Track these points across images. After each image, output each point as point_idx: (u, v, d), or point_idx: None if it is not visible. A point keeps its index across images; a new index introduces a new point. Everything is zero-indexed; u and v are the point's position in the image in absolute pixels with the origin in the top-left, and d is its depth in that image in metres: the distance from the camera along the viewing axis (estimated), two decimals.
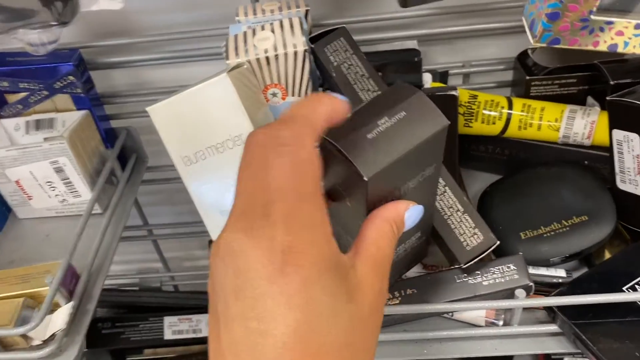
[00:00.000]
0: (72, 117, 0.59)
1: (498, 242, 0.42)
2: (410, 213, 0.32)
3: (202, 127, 0.41)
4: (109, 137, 0.64)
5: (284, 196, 0.25)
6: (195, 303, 0.83)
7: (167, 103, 0.42)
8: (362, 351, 0.25)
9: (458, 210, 0.43)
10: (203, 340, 0.78)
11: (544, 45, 0.38)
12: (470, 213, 0.43)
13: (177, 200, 0.83)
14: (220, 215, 0.44)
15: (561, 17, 0.38)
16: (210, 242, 0.75)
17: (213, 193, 0.43)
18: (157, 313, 0.78)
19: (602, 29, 0.38)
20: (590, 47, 0.36)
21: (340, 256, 0.26)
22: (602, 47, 0.35)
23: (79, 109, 0.60)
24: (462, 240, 0.43)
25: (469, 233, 0.43)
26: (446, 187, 0.44)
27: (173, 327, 0.78)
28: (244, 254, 0.24)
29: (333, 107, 0.28)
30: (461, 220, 0.43)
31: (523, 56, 0.58)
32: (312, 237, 0.24)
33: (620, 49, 0.36)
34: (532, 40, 0.39)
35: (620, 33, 0.38)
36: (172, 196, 0.82)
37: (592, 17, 0.37)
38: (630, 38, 0.35)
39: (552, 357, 0.76)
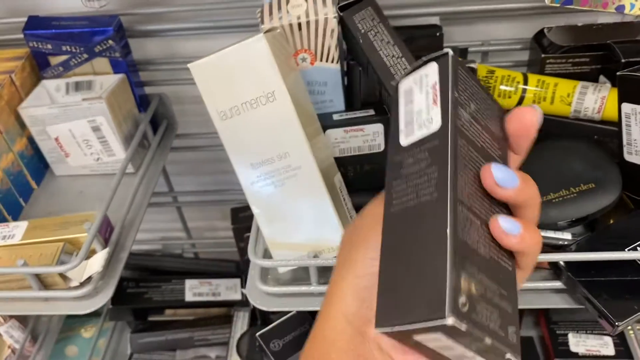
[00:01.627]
0: (109, 80, 0.63)
1: None
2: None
3: (238, 84, 0.45)
4: (142, 102, 0.68)
5: None
6: (214, 270, 0.87)
7: (207, 60, 0.45)
8: None
9: None
10: (222, 304, 0.81)
11: (557, 5, 0.40)
12: None
13: (202, 171, 0.86)
14: (251, 167, 0.47)
15: None
16: (233, 210, 0.79)
17: (245, 146, 0.47)
18: (179, 276, 0.82)
19: None
20: (600, 9, 0.38)
21: None
22: (610, 8, 0.38)
23: (116, 73, 0.64)
24: None
25: None
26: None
27: (194, 289, 0.81)
28: None
29: None
30: None
31: (539, 35, 0.61)
32: None
33: (627, 11, 0.38)
34: (546, 1, 0.42)
35: None
36: (198, 167, 0.86)
37: None
38: (637, 0, 0.38)
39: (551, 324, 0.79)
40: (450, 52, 0.30)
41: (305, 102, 0.49)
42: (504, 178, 0.27)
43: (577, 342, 0.77)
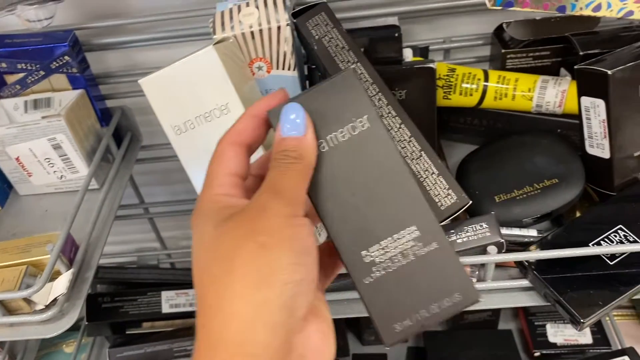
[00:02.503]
0: (68, 97, 0.62)
1: (470, 202, 0.45)
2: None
3: (191, 98, 0.44)
4: (104, 116, 0.67)
5: None
6: (191, 279, 0.86)
7: (158, 75, 0.44)
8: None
9: (433, 173, 0.46)
10: None
11: (498, 8, 0.40)
12: (445, 175, 0.46)
13: (172, 180, 0.85)
14: None
15: None
16: None
17: (202, 160, 0.46)
18: (154, 288, 0.81)
19: None
20: (541, 9, 0.38)
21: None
22: (552, 9, 0.38)
23: (74, 89, 0.63)
24: (437, 200, 0.45)
25: (443, 194, 0.46)
26: (422, 152, 0.46)
27: (170, 301, 0.81)
28: None
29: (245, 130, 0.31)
30: (436, 182, 0.46)
31: (499, 30, 0.61)
32: None
33: (568, 11, 0.38)
34: (488, 4, 0.42)
35: None
36: (168, 176, 0.85)
37: None
38: (577, 0, 0.38)
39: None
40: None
41: None
42: None
43: (555, 333, 0.78)
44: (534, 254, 0.46)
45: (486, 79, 0.58)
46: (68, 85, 0.63)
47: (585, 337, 0.77)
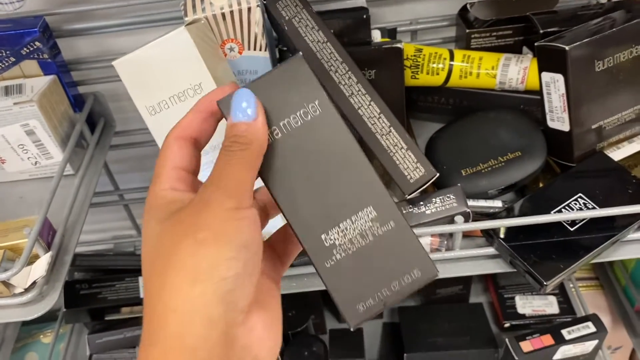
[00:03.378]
0: (40, 83, 0.62)
1: (438, 175, 0.47)
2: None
3: (164, 78, 0.45)
4: (77, 102, 0.67)
5: None
6: None
7: (131, 56, 0.45)
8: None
9: (402, 147, 0.48)
10: None
11: None
12: (413, 149, 0.48)
13: (147, 166, 0.86)
14: None
15: None
16: None
17: None
18: (132, 274, 0.82)
19: None
20: None
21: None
22: None
23: (46, 75, 0.63)
24: (406, 174, 0.47)
25: (412, 167, 0.47)
26: (391, 127, 0.48)
27: None
28: None
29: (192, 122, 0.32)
30: (405, 156, 0.48)
31: (463, 11, 0.63)
32: None
33: None
34: None
35: None
36: (142, 162, 0.85)
37: None
38: None
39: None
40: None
41: None
42: None
43: (524, 304, 0.81)
44: (499, 222, 0.48)
45: (452, 59, 0.59)
46: (39, 72, 0.63)
47: (552, 307, 0.80)
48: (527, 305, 0.81)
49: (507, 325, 0.80)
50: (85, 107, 0.67)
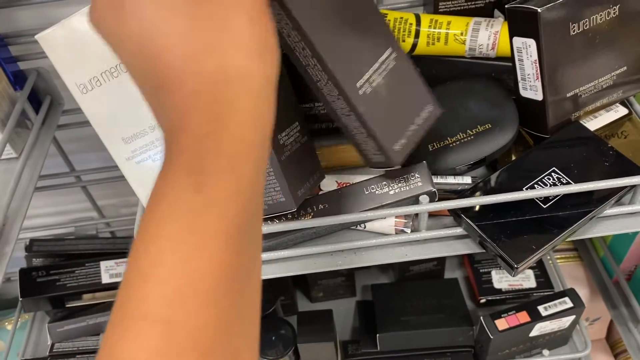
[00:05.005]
0: None
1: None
2: None
3: (94, 52, 0.40)
4: (17, 79, 0.62)
5: None
6: None
7: (55, 29, 0.41)
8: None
9: (362, 133, 0.44)
10: None
11: None
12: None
13: (103, 145, 0.81)
14: (123, 143, 0.43)
15: None
16: None
17: (113, 119, 0.43)
18: (93, 258, 0.78)
19: None
20: None
21: None
22: None
23: None
24: (370, 156, 0.44)
25: (372, 152, 0.43)
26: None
27: (110, 270, 0.78)
28: None
29: None
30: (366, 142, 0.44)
31: None
32: None
33: None
34: None
35: None
36: (99, 141, 0.80)
37: None
38: None
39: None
40: None
41: None
42: None
43: (500, 279, 0.78)
44: (465, 202, 0.45)
45: (418, 24, 0.55)
46: None
47: (529, 281, 0.78)
48: (504, 279, 0.78)
49: (483, 301, 0.78)
50: (26, 84, 0.62)
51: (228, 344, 0.24)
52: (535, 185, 0.47)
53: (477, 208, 0.47)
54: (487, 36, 0.53)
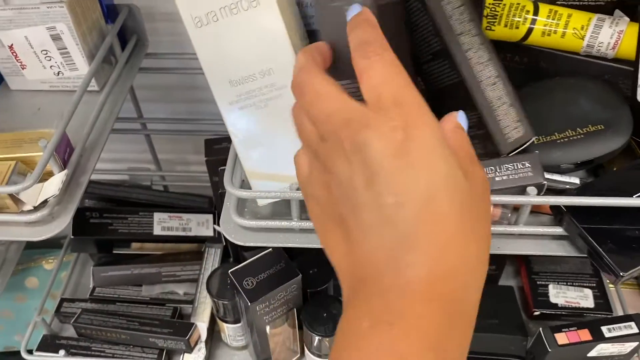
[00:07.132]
0: None
1: (535, 137, 0.42)
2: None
3: None
4: (110, 12, 0.61)
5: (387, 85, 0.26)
6: (185, 204, 0.82)
7: None
8: (479, 229, 0.26)
9: (505, 102, 0.42)
10: (192, 239, 0.77)
11: None
12: (516, 106, 0.43)
13: (175, 98, 0.80)
14: (230, 85, 0.41)
15: None
16: (207, 141, 0.73)
17: (222, 59, 0.41)
18: (146, 208, 0.77)
19: None
20: None
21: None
22: None
23: None
24: (505, 132, 0.42)
25: (512, 126, 0.42)
26: (497, 78, 0.43)
27: (163, 223, 0.77)
28: (369, 144, 0.25)
29: None
30: (507, 113, 0.42)
31: None
32: (422, 112, 0.26)
33: None
34: None
35: None
36: (170, 93, 0.79)
37: None
38: None
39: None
40: None
41: (291, 9, 0.43)
42: None
43: (557, 294, 0.75)
44: (577, 199, 0.42)
45: (535, 13, 0.52)
46: None
47: (587, 300, 0.75)
48: (561, 295, 0.75)
49: (536, 313, 0.75)
50: (118, 19, 0.61)
51: None
52: None
53: (582, 209, 0.44)
54: (610, 34, 0.50)
